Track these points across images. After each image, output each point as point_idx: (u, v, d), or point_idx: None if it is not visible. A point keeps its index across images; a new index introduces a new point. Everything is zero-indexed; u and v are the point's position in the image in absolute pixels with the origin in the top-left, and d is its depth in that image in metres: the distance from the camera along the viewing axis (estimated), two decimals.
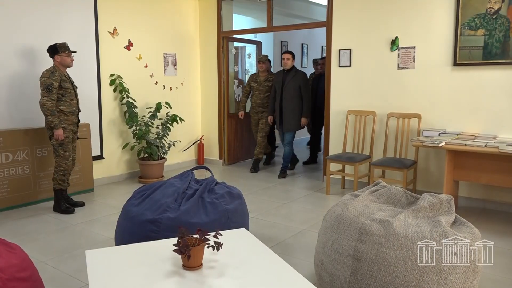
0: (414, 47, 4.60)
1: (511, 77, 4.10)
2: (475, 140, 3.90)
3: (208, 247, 1.81)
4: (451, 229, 2.14)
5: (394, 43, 4.70)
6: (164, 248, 1.99)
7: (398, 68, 4.72)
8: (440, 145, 3.83)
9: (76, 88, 4.30)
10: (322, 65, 6.31)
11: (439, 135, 4.28)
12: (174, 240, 1.95)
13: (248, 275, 1.76)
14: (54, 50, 4.06)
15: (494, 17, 4.08)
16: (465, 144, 3.77)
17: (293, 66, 5.69)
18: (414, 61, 4.61)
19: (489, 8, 4.09)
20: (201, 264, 1.81)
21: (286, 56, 5.66)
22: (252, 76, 6.21)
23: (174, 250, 1.73)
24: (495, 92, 4.20)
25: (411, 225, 2.17)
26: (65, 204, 4.23)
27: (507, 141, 3.86)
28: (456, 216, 2.31)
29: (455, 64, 4.36)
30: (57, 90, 4.01)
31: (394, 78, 4.77)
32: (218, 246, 1.81)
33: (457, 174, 4.03)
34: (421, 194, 2.50)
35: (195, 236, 1.83)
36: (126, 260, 1.89)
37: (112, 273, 1.78)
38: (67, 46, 4.11)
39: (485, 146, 3.70)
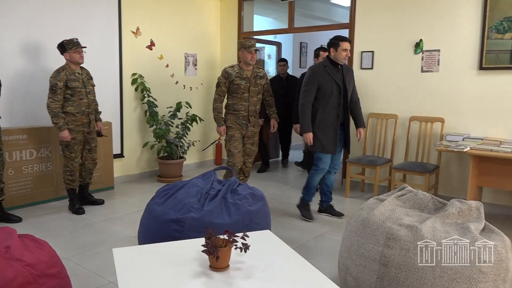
0: (438, 50, 4.53)
1: None
2: (501, 146, 3.82)
3: (235, 248, 1.80)
4: (480, 236, 2.10)
5: (418, 45, 4.64)
6: (190, 248, 1.99)
7: (422, 71, 4.66)
8: (465, 150, 3.76)
9: (93, 86, 4.23)
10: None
11: (463, 139, 4.20)
12: (200, 240, 1.95)
13: (275, 277, 1.75)
14: (62, 47, 3.98)
15: None
16: (491, 150, 3.70)
17: None
18: (438, 64, 4.54)
19: None
20: (228, 265, 1.80)
21: (348, 45, 3.83)
22: (232, 69, 4.19)
23: (203, 251, 1.73)
24: None
25: (440, 231, 2.13)
26: (77, 203, 4.23)
27: None
28: (486, 223, 2.26)
29: (481, 68, 4.28)
30: (64, 90, 3.94)
31: (417, 81, 4.70)
32: (245, 247, 1.80)
33: (482, 180, 3.95)
34: (444, 200, 2.45)
35: (222, 237, 1.83)
36: (153, 259, 1.90)
37: (140, 271, 1.79)
38: (76, 42, 3.99)
39: None
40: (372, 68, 5.01)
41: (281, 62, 6.25)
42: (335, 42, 3.83)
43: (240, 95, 4.19)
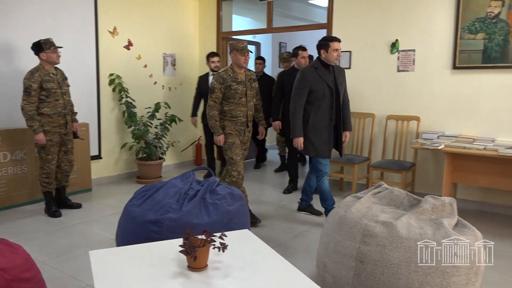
0: (414, 50, 4.62)
1: (510, 81, 4.14)
2: (474, 143, 3.93)
3: (213, 248, 1.81)
4: (453, 232, 2.16)
5: (394, 45, 4.73)
6: (168, 249, 1.98)
7: (398, 70, 4.74)
8: (439, 147, 3.85)
9: (68, 86, 4.17)
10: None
11: (438, 137, 4.30)
12: (178, 241, 1.94)
13: (253, 276, 1.76)
14: (39, 47, 3.91)
15: (494, 21, 4.11)
16: (464, 147, 3.79)
17: None
18: (413, 63, 4.63)
19: (489, 12, 4.12)
20: (206, 265, 1.80)
21: (338, 45, 3.73)
22: (226, 74, 3.82)
23: (180, 251, 1.73)
24: (494, 95, 4.23)
25: (414, 227, 2.18)
26: (53, 206, 4.15)
27: (505, 144, 3.89)
28: (458, 219, 2.32)
29: (454, 67, 4.38)
30: (38, 92, 3.87)
31: (394, 81, 4.79)
32: (223, 247, 1.80)
33: (456, 176, 4.05)
34: (420, 196, 2.51)
35: (200, 237, 1.83)
36: (130, 260, 1.88)
37: (117, 273, 1.77)
38: (52, 42, 3.97)
39: (484, 149, 3.72)
40: (349, 68, 5.07)
41: (258, 60, 6.16)
42: (324, 43, 3.70)
43: (238, 101, 3.85)
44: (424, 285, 2.05)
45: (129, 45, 5.50)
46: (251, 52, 3.95)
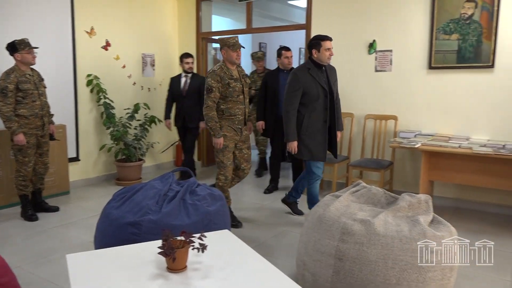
0: (391, 50, 4.70)
1: (483, 80, 4.25)
2: (449, 142, 4.02)
3: (192, 249, 1.80)
4: (429, 228, 2.21)
5: (371, 46, 4.79)
6: (147, 251, 1.97)
7: (376, 70, 4.81)
8: (416, 146, 3.93)
9: (45, 88, 4.11)
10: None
11: (415, 136, 4.38)
12: (157, 242, 1.93)
13: (233, 277, 1.77)
14: (13, 47, 3.84)
15: (467, 22, 4.21)
16: (440, 145, 3.88)
17: None
18: (391, 64, 4.71)
19: (463, 13, 4.22)
20: (186, 266, 1.80)
21: (330, 43, 3.74)
22: (221, 72, 3.70)
23: (159, 253, 1.72)
24: (468, 95, 4.34)
25: (391, 224, 2.22)
26: (30, 210, 4.07)
27: (479, 142, 3.99)
28: (434, 215, 2.38)
29: (430, 67, 4.47)
30: (15, 93, 3.81)
31: (372, 81, 4.86)
32: (203, 248, 1.80)
33: (433, 174, 4.13)
34: (399, 194, 2.56)
35: (179, 238, 1.82)
36: (108, 263, 1.87)
37: (95, 277, 1.75)
38: (27, 42, 3.90)
39: (459, 147, 3.81)
40: None
41: None
42: (316, 42, 3.63)
43: (236, 98, 3.73)
44: (401, 281, 2.10)
45: (107, 46, 5.43)
46: (243, 47, 3.88)
